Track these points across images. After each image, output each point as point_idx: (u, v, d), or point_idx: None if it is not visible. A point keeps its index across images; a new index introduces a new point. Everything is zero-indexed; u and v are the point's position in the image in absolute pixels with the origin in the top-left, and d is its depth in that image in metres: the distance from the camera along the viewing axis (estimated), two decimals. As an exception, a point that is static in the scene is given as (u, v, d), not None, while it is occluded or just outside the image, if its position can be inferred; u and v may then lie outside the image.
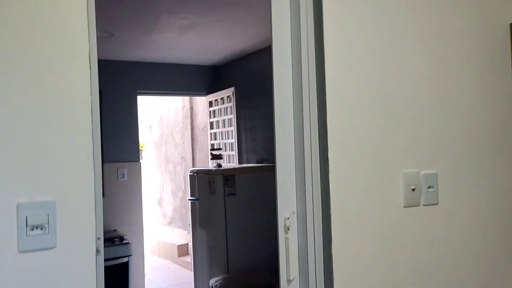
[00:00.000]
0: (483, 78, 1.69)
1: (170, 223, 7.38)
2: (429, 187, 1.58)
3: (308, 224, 1.41)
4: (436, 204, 1.60)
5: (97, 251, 1.17)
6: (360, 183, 1.46)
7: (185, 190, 6.95)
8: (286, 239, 1.43)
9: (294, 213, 1.44)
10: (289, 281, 1.43)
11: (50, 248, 1.09)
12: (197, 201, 3.76)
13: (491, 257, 1.71)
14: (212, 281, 3.32)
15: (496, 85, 1.71)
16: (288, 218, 1.43)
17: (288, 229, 1.43)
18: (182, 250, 6.56)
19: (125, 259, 3.77)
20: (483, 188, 1.68)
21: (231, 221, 3.52)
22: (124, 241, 3.86)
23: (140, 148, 4.70)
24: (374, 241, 1.47)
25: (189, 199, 3.89)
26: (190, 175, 3.90)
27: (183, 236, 6.82)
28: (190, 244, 6.64)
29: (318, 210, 1.41)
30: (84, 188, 1.13)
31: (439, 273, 1.59)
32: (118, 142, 4.31)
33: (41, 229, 1.08)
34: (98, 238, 1.17)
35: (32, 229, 1.06)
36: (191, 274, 5.95)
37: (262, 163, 4.16)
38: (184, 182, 6.99)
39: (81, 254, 1.13)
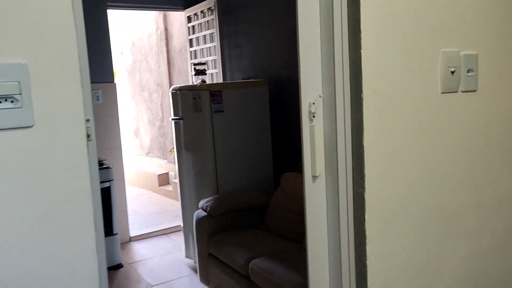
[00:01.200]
0: None
1: (148, 154, 7.13)
2: (468, 71, 1.37)
3: (337, 110, 1.18)
4: (475, 91, 1.40)
5: (88, 136, 0.91)
6: (396, 62, 1.23)
7: (163, 118, 6.64)
8: (311, 129, 1.20)
9: (320, 97, 1.20)
10: (314, 178, 1.23)
11: (26, 127, 0.83)
12: (181, 120, 3.50)
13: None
14: (202, 202, 3.15)
15: None
16: (313, 103, 1.20)
17: (314, 117, 1.20)
18: (162, 179, 6.38)
19: (107, 184, 3.54)
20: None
21: (219, 139, 3.29)
22: (104, 166, 3.61)
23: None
24: (409, 131, 1.27)
25: (172, 119, 3.61)
26: (172, 93, 3.60)
27: (163, 165, 6.61)
28: (171, 173, 6.46)
29: (348, 93, 1.18)
30: (66, 50, 0.85)
31: (474, 164, 1.42)
32: (89, 61, 3.91)
33: (12, 101, 0.81)
34: (88, 120, 0.92)
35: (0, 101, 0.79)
36: (173, 202, 5.84)
37: (248, 81, 3.88)
38: (162, 109, 6.66)
39: (67, 137, 0.88)
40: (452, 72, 1.34)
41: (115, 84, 4.27)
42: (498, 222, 1.50)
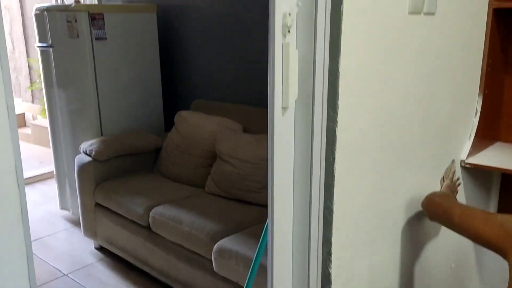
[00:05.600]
0: None
1: (-5, 91, 6.00)
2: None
3: (318, 23, 0.94)
4: (434, 14, 1.28)
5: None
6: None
7: (14, 49, 5.59)
8: (285, 47, 0.95)
9: (298, 6, 0.95)
10: (284, 110, 0.99)
11: None
12: (50, 49, 2.87)
13: (462, 86, 1.54)
14: (85, 146, 2.68)
15: None
16: (289, 15, 0.94)
17: (289, 31, 0.94)
18: (18, 121, 5.45)
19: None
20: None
21: (102, 73, 2.80)
22: None
23: None
24: (379, 54, 1.12)
25: (39, 47, 2.96)
26: (36, 14, 2.91)
27: (18, 104, 5.64)
28: (28, 114, 5.56)
29: (329, 3, 0.95)
30: None
31: (426, 90, 1.34)
32: None
33: None
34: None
35: None
36: (34, 147, 5.05)
37: (131, 5, 3.35)
38: (11, 39, 5.58)
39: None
40: (420, -11, 1.19)
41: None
42: (437, 153, 1.47)
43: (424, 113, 1.34)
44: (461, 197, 1.62)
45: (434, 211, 1.28)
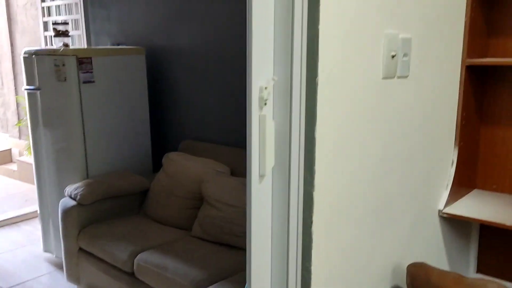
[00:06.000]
0: None
1: (-18, 126, 5.99)
2: (404, 55, 1.30)
3: (293, 95, 0.99)
4: (407, 76, 1.34)
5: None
6: (346, 43, 1.09)
7: (2, 85, 5.61)
8: (262, 119, 0.99)
9: (274, 80, 0.99)
10: (261, 178, 1.03)
11: None
12: (38, 91, 2.90)
13: (438, 139, 1.60)
14: (70, 189, 2.68)
15: None
16: (266, 88, 0.98)
17: (265, 104, 0.99)
18: (3, 156, 5.44)
19: None
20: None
21: (89, 115, 2.82)
22: None
23: None
24: (354, 119, 1.16)
25: (26, 89, 2.98)
26: (24, 57, 2.95)
27: (4, 140, 5.62)
28: (15, 150, 5.53)
29: (304, 76, 1.00)
30: None
31: (402, 150, 1.38)
32: None
33: None
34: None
35: None
36: (19, 184, 5.01)
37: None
38: (1, 75, 5.60)
39: None
40: (393, 56, 1.25)
41: None
42: (416, 206, 1.50)
43: (402, 170, 1.38)
44: (440, 247, 1.65)
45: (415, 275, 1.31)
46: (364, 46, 1.15)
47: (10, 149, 5.52)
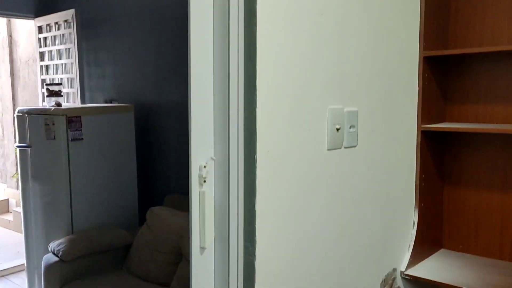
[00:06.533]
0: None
1: (-18, 176, 6.10)
2: (350, 127, 1.38)
3: (231, 173, 1.06)
4: (355, 146, 1.42)
5: None
6: (288, 120, 1.17)
7: (3, 136, 5.77)
8: (202, 195, 1.06)
9: (213, 159, 1.07)
10: (202, 249, 1.08)
11: None
12: (28, 148, 3.01)
13: (396, 202, 1.65)
14: (53, 245, 2.72)
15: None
16: (205, 167, 1.06)
17: (205, 181, 1.06)
18: (1, 206, 5.50)
19: None
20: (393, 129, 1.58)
21: (76, 171, 2.91)
22: None
23: None
24: (297, 192, 1.22)
25: (18, 146, 3.10)
26: (17, 115, 3.08)
27: (2, 190, 5.72)
28: (12, 200, 5.60)
29: (242, 155, 1.08)
30: None
31: (351, 218, 1.43)
32: None
33: None
34: None
35: None
36: (14, 234, 5.04)
37: (111, 103, 3.56)
38: (1, 126, 5.78)
39: None
40: (338, 129, 1.33)
41: None
42: (370, 272, 1.53)
43: (354, 234, 1.43)
44: (403, 310, 1.66)
45: None
46: (308, 120, 1.23)
47: (7, 199, 5.60)
